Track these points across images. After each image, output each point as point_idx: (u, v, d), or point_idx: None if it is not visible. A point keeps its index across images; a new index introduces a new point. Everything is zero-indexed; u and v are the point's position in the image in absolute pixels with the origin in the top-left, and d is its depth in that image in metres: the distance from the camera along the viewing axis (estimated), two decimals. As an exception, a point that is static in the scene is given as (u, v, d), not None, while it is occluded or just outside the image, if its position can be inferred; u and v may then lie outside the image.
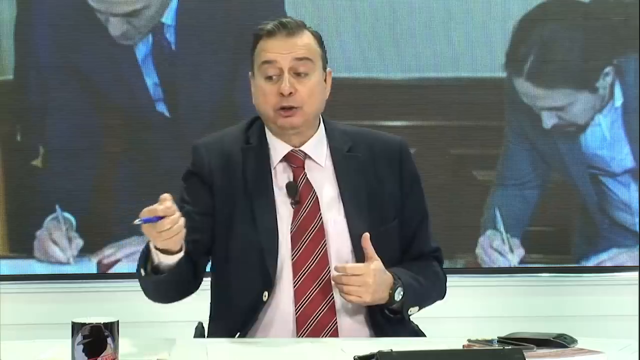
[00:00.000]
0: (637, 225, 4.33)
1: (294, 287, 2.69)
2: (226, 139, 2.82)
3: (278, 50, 2.70)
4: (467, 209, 4.30)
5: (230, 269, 2.75)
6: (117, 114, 4.25)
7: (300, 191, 2.73)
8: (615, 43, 4.32)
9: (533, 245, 4.35)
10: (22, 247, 4.26)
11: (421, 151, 4.25)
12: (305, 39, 2.73)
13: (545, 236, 4.36)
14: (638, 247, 4.31)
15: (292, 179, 2.75)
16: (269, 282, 2.68)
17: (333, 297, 2.69)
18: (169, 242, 2.54)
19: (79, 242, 4.26)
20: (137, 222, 2.50)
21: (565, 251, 4.37)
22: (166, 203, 2.48)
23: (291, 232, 2.71)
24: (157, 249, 2.59)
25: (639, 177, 4.33)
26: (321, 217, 2.72)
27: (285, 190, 2.74)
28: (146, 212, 2.48)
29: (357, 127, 2.89)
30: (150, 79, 4.25)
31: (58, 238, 4.25)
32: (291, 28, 2.71)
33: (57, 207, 4.23)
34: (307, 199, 2.73)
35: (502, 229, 4.33)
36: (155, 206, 2.48)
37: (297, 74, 2.70)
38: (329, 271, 2.69)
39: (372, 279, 2.62)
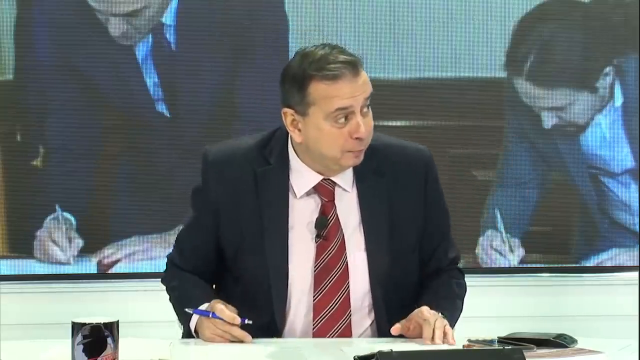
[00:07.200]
0: (637, 225, 4.33)
1: (314, 329, 2.62)
2: (239, 157, 2.68)
3: (351, 95, 2.53)
4: (467, 209, 4.30)
5: (240, 294, 2.68)
6: (117, 114, 4.25)
7: (329, 228, 2.63)
8: (615, 43, 4.32)
9: (533, 245, 4.35)
10: (22, 247, 4.25)
11: (421, 151, 4.25)
12: (364, 73, 2.58)
13: (545, 236, 4.36)
14: (638, 247, 4.31)
15: (319, 213, 2.64)
16: (276, 330, 2.63)
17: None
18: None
19: (79, 242, 4.25)
20: (189, 310, 2.57)
21: (565, 251, 4.36)
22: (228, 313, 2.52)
23: (315, 270, 2.62)
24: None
25: (639, 177, 4.33)
26: (346, 257, 2.63)
27: (308, 223, 2.63)
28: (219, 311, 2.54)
29: (381, 139, 2.73)
30: (150, 79, 4.25)
31: (58, 238, 4.24)
32: (353, 64, 2.55)
33: (57, 207, 4.23)
34: (335, 237, 2.63)
35: (502, 229, 4.32)
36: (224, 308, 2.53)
37: (361, 111, 2.57)
38: (350, 315, 2.63)
39: (429, 314, 2.55)
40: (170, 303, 2.74)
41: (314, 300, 2.62)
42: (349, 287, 2.63)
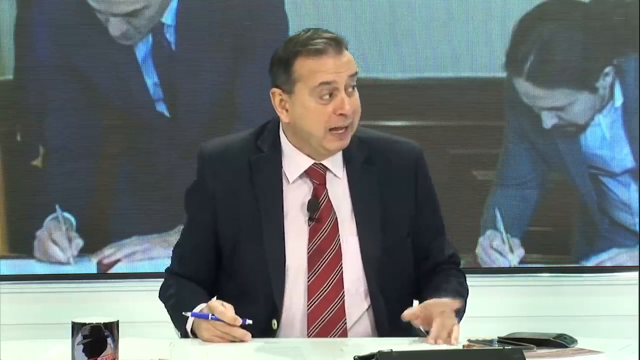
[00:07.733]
0: (637, 225, 4.33)
1: (308, 310, 2.65)
2: (234, 149, 2.73)
3: (335, 70, 2.59)
4: (467, 209, 4.30)
5: (236, 289, 2.70)
6: (117, 114, 4.25)
7: (321, 210, 2.67)
8: (615, 43, 4.32)
9: (533, 245, 4.35)
10: (22, 247, 4.26)
11: (421, 151, 4.25)
12: (348, 53, 2.64)
13: (545, 236, 4.36)
14: (638, 247, 4.31)
15: (311, 196, 2.67)
16: (276, 312, 2.65)
17: (346, 322, 2.65)
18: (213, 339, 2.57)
19: (79, 242, 4.26)
20: (186, 314, 2.57)
21: (565, 251, 4.37)
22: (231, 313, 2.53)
23: (309, 253, 2.65)
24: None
25: (639, 177, 4.33)
26: (339, 240, 2.66)
27: (301, 207, 2.66)
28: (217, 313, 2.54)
29: (372, 133, 2.80)
30: (150, 79, 4.25)
31: (58, 238, 4.25)
32: (338, 42, 2.62)
33: (57, 207, 4.23)
34: (328, 220, 2.66)
35: (502, 229, 4.33)
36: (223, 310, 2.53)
37: (345, 90, 2.62)
38: (343, 296, 2.65)
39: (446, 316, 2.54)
40: (168, 313, 2.74)
41: (308, 282, 2.64)
42: (342, 269, 2.65)
